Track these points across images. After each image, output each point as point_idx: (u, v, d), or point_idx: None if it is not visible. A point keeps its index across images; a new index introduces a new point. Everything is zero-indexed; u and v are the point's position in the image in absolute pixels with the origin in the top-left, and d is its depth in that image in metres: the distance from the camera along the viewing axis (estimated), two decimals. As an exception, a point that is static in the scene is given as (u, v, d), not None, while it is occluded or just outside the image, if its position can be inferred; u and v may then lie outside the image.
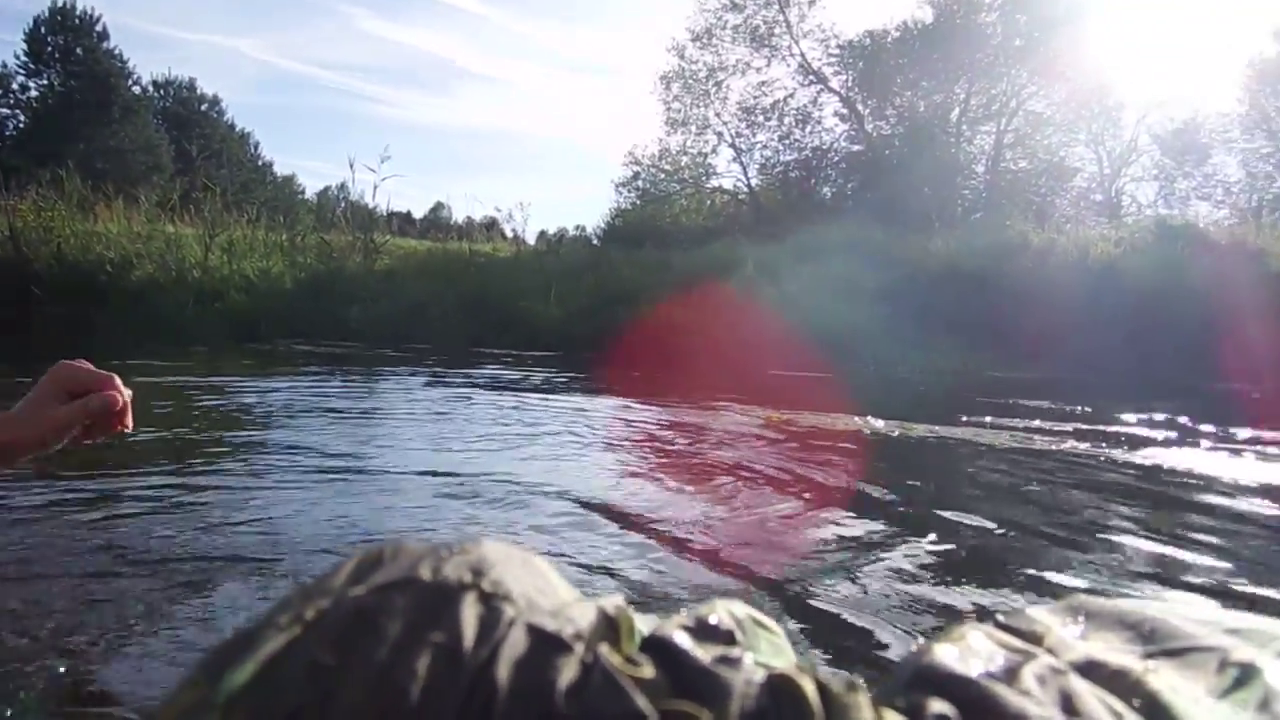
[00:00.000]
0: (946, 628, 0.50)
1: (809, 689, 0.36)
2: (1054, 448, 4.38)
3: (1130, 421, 5.38)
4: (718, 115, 21.30)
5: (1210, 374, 7.94)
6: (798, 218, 16.10)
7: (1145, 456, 4.18)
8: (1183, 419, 5.39)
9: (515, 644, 0.34)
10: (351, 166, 17.78)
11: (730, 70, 21.19)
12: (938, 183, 17.70)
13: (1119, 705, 0.40)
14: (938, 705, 0.38)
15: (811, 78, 20.68)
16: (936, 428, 4.88)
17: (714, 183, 21.57)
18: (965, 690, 0.39)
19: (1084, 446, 4.40)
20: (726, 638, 0.40)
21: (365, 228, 13.44)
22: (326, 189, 36.85)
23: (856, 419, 5.07)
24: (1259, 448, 4.57)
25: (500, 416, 4.92)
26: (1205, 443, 4.71)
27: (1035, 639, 0.48)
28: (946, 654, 0.44)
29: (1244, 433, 4.96)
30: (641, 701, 0.33)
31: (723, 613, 0.42)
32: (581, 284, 12.71)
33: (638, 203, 21.55)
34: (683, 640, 0.38)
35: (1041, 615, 0.53)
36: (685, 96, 21.52)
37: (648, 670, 0.35)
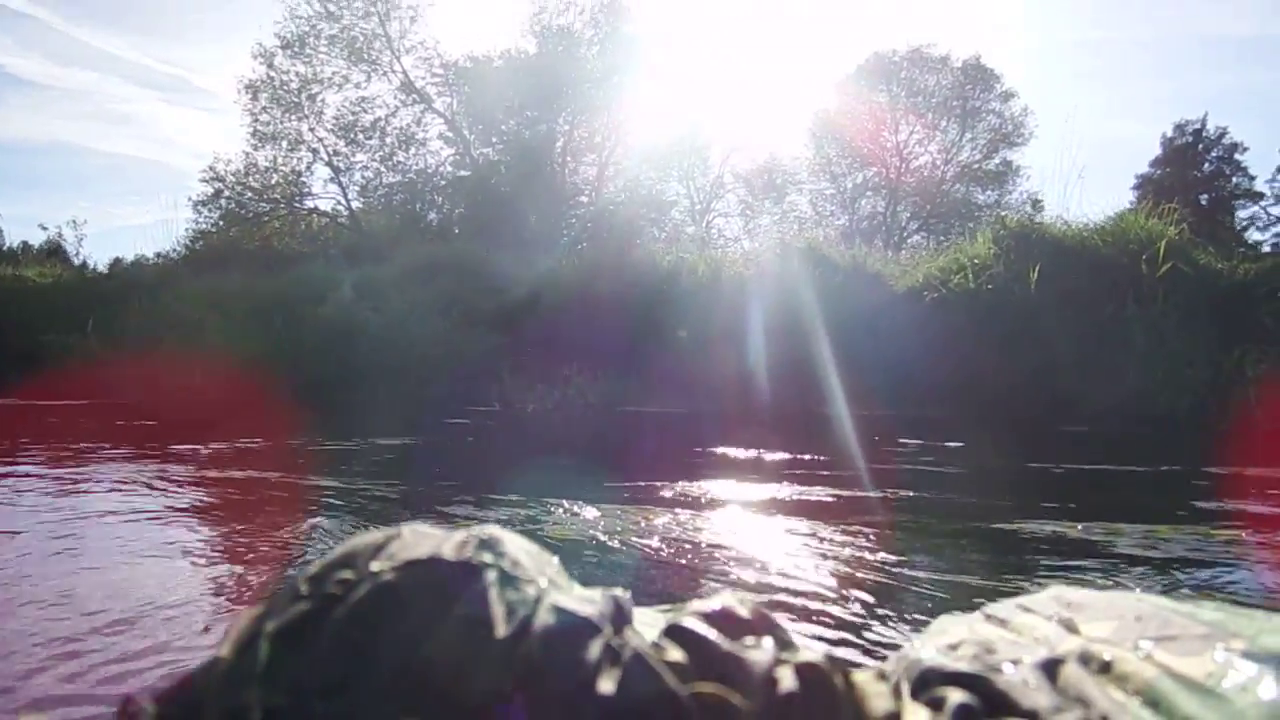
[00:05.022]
0: (933, 619, 0.52)
1: (836, 677, 0.37)
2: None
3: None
4: (312, 131, 19.49)
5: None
6: (402, 243, 14.86)
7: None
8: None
9: (543, 622, 0.35)
10: None
11: (326, 83, 19.52)
12: (544, 211, 17.50)
13: (1119, 694, 0.40)
14: (958, 696, 0.38)
15: (414, 97, 19.67)
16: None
17: (310, 204, 19.61)
18: (977, 685, 0.39)
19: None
20: (742, 627, 0.41)
21: None
22: None
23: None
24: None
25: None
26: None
27: (1024, 631, 0.49)
28: (947, 649, 0.45)
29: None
30: (673, 682, 0.33)
31: (734, 603, 0.43)
32: (130, 314, 10.53)
33: (220, 224, 18.86)
34: (703, 627, 0.38)
35: (1027, 607, 0.53)
36: (275, 108, 19.46)
37: (675, 653, 0.36)
